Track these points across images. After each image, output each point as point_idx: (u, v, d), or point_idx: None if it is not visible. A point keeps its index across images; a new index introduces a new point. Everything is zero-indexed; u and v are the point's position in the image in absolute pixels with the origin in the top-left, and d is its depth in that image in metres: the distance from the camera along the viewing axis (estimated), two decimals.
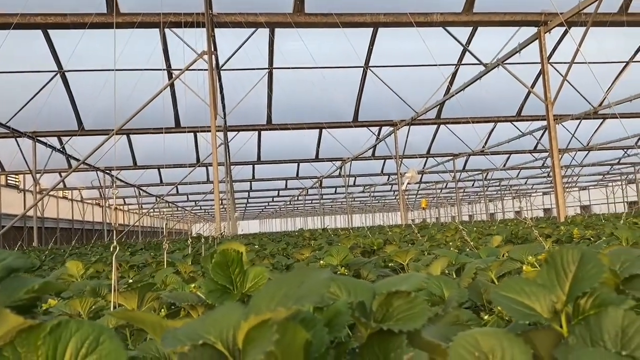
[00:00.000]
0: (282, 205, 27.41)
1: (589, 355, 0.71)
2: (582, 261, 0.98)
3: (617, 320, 0.89)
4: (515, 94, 13.19)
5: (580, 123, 13.85)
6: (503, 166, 19.04)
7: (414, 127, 14.90)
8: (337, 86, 12.71)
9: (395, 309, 1.09)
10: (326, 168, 18.20)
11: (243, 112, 12.77)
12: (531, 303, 0.99)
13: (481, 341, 0.95)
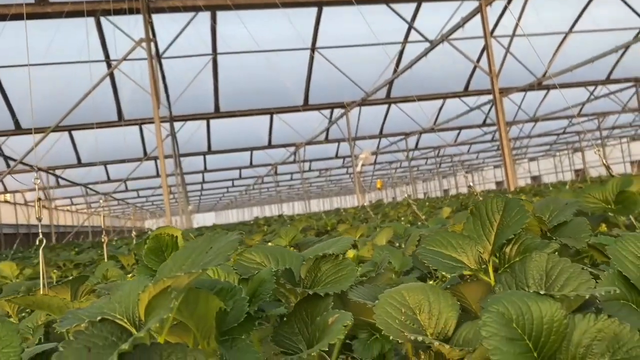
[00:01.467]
0: (237, 196, 27.11)
1: (505, 298, 0.69)
2: (506, 209, 0.96)
3: (541, 264, 0.88)
4: (462, 69, 13.40)
5: (525, 95, 14.22)
6: (454, 142, 19.40)
7: (365, 108, 14.96)
8: (286, 70, 12.58)
9: (324, 273, 1.05)
10: (280, 155, 18.08)
11: (189, 101, 12.49)
12: (458, 255, 0.96)
13: (408, 297, 0.91)
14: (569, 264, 0.82)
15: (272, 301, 1.02)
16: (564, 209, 1.09)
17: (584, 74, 12.27)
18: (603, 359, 0.66)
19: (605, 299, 0.80)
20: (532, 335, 0.67)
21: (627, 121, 17.68)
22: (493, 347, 0.64)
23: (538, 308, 0.68)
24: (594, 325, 0.68)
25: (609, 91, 14.05)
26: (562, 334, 0.68)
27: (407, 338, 0.79)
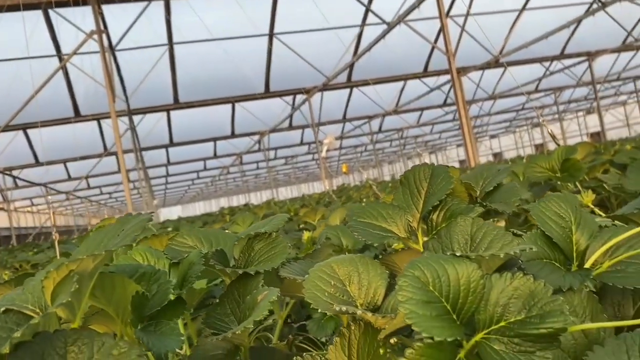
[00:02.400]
0: (204, 188, 26.83)
1: (421, 262, 0.69)
2: (433, 176, 0.95)
3: (466, 229, 0.88)
4: (421, 50, 13.47)
5: (483, 74, 14.41)
6: (417, 123, 19.58)
7: (327, 93, 14.93)
8: (245, 58, 12.43)
9: (257, 252, 1.03)
10: (244, 144, 17.93)
11: (148, 94, 12.23)
12: (388, 225, 0.95)
13: (337, 269, 0.90)
14: (492, 226, 0.83)
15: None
16: (496, 176, 1.09)
17: (539, 50, 12.51)
18: (520, 316, 0.67)
19: (527, 258, 0.80)
20: (449, 297, 0.67)
21: (582, 95, 18.16)
22: (409, 311, 0.64)
23: (455, 270, 0.68)
24: (510, 284, 0.68)
25: (563, 66, 14.37)
26: (479, 294, 0.68)
27: (333, 309, 0.78)
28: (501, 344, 0.66)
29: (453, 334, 0.63)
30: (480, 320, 0.68)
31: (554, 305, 0.65)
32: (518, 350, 0.65)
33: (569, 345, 0.73)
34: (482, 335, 0.68)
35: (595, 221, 0.86)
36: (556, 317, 0.64)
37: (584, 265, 0.82)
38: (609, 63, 14.92)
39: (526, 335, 0.65)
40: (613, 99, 20.28)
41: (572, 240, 0.84)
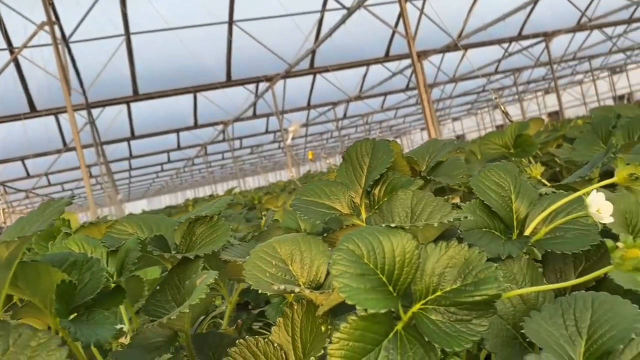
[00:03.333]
0: (169, 180, 26.42)
1: (355, 235, 0.67)
2: (375, 151, 0.94)
3: (406, 201, 0.87)
4: (382, 35, 13.49)
5: (443, 57, 14.53)
6: (381, 108, 19.67)
7: (291, 81, 14.82)
8: (205, 47, 12.21)
9: (199, 236, 1.00)
10: (208, 134, 17.70)
11: (106, 86, 11.91)
12: (331, 203, 0.94)
13: (279, 248, 0.88)
14: (432, 198, 0.82)
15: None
16: (441, 150, 1.09)
17: (498, 32, 12.67)
18: (455, 284, 0.66)
19: (466, 228, 0.80)
20: (384, 269, 0.66)
21: (540, 75, 18.54)
22: (342, 285, 0.62)
23: (389, 242, 0.67)
24: (445, 253, 0.67)
25: (521, 47, 14.61)
26: (415, 265, 0.67)
27: (272, 289, 0.76)
28: (438, 314, 0.66)
29: (387, 305, 0.62)
30: (417, 291, 0.67)
31: (488, 272, 0.64)
32: (454, 319, 0.65)
33: (508, 312, 0.73)
34: (419, 306, 0.67)
35: (535, 190, 0.86)
36: (490, 284, 0.64)
37: (524, 233, 0.83)
38: (565, 43, 15.24)
39: (461, 303, 0.65)
40: (570, 79, 20.78)
41: (512, 208, 0.84)
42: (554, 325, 0.66)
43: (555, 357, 0.61)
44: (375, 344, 0.63)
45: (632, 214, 0.86)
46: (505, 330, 0.71)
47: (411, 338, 0.64)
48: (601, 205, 0.70)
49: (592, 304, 0.66)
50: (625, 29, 14.90)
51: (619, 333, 0.61)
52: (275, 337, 0.81)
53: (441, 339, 0.62)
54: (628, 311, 0.63)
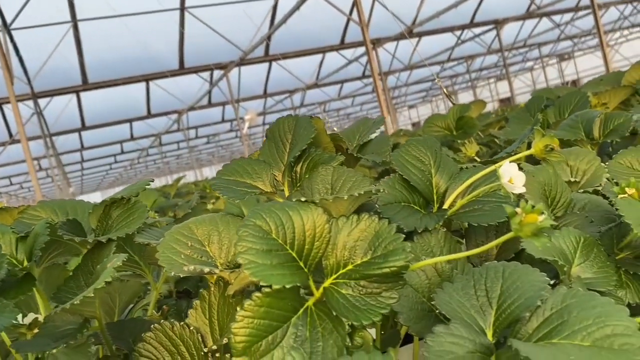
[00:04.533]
0: (123, 172, 25.78)
1: (263, 210, 0.65)
2: (297, 127, 0.92)
3: (327, 177, 0.85)
4: (338, 22, 13.45)
5: (398, 44, 14.63)
6: (338, 96, 19.69)
7: (247, 68, 14.63)
8: (156, 34, 11.91)
9: (115, 219, 0.96)
10: (163, 124, 17.33)
11: (54, 75, 11.46)
12: (253, 181, 0.91)
13: (196, 229, 0.85)
14: (352, 173, 0.81)
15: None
16: (370, 128, 1.08)
17: (450, 19, 12.83)
18: (366, 257, 0.65)
19: (384, 202, 0.79)
20: (294, 244, 0.64)
21: (492, 62, 18.93)
22: (247, 261, 0.60)
23: (299, 216, 0.65)
24: (356, 226, 0.66)
25: (473, 35, 14.86)
26: (326, 239, 0.66)
27: (184, 270, 0.73)
28: (349, 288, 0.64)
29: (294, 280, 0.61)
30: (328, 265, 0.66)
31: (397, 244, 0.63)
32: (365, 292, 0.64)
33: (423, 285, 0.72)
34: (331, 281, 0.66)
35: (456, 164, 0.86)
36: (398, 256, 0.63)
37: (443, 206, 0.82)
38: (515, 31, 15.58)
39: (371, 276, 0.64)
40: (521, 65, 21.30)
41: (432, 182, 0.84)
42: (466, 296, 0.66)
43: (464, 327, 0.61)
44: (284, 321, 0.61)
45: (550, 186, 0.87)
46: (420, 303, 0.71)
47: (321, 314, 0.63)
48: (514, 175, 0.70)
49: (503, 273, 0.66)
50: (573, 17, 15.35)
51: (526, 301, 0.61)
52: (192, 321, 0.79)
53: (350, 312, 0.61)
54: (536, 279, 0.63)
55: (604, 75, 1.74)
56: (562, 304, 0.60)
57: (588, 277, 0.74)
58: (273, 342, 0.60)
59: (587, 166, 1.00)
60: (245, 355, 0.59)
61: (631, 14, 16.33)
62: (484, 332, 0.62)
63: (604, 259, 0.75)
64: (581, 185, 0.98)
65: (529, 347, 0.55)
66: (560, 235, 0.75)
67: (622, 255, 0.80)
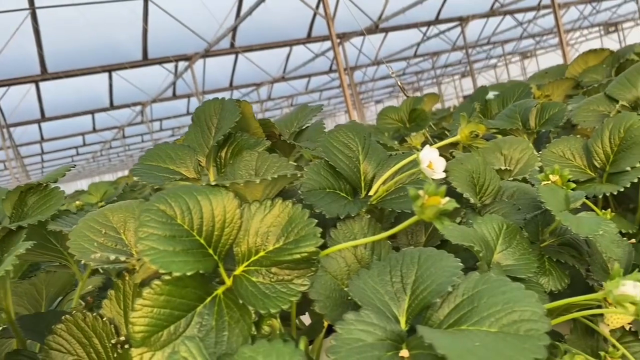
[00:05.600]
0: (85, 165, 25.16)
1: (169, 194, 0.63)
2: (223, 111, 0.90)
3: (251, 163, 0.82)
4: (305, 15, 13.38)
5: (364, 39, 14.65)
6: (305, 90, 19.63)
7: (213, 60, 14.43)
8: (120, 23, 11.64)
9: (31, 206, 0.90)
10: (126, 116, 16.97)
11: (11, 64, 11.08)
12: (176, 167, 0.88)
13: (111, 216, 0.81)
14: (277, 158, 0.78)
15: None
16: (307, 115, 1.06)
17: (416, 15, 12.92)
18: (278, 243, 0.62)
19: (308, 189, 0.77)
20: (202, 230, 0.61)
21: (457, 59, 19.16)
22: (147, 248, 0.57)
23: (208, 201, 0.62)
24: (270, 212, 0.63)
25: (439, 31, 15.00)
26: (237, 225, 0.63)
27: (91, 259, 0.70)
28: (260, 276, 0.62)
29: (196, 268, 0.58)
30: (239, 252, 0.63)
31: (309, 229, 0.61)
32: (276, 280, 0.61)
33: (342, 271, 0.70)
34: (242, 269, 0.63)
35: (385, 151, 0.85)
36: (309, 241, 0.60)
37: (370, 193, 0.81)
38: (480, 28, 15.81)
39: (282, 262, 0.61)
40: (484, 63, 21.61)
41: (359, 169, 0.82)
42: (381, 283, 0.64)
43: (375, 314, 0.59)
44: (188, 310, 0.58)
45: (479, 174, 0.87)
46: (338, 290, 0.69)
47: (230, 303, 0.60)
48: (434, 160, 0.68)
49: (419, 259, 0.65)
50: (535, 15, 15.65)
51: (438, 287, 0.60)
52: (106, 311, 0.75)
53: (258, 300, 0.59)
54: (449, 265, 0.62)
55: (549, 68, 1.77)
56: (474, 289, 0.59)
57: (509, 264, 0.73)
58: (175, 332, 0.57)
59: (520, 155, 1.00)
60: (145, 345, 0.56)
61: (590, 14, 16.75)
62: (397, 319, 0.61)
63: (526, 245, 0.75)
64: (514, 174, 0.98)
65: (434, 334, 0.54)
66: (483, 222, 0.75)
67: (546, 242, 0.80)
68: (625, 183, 0.88)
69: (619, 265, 0.78)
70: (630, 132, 0.93)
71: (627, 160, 0.91)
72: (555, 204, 0.72)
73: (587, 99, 1.10)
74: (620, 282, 0.54)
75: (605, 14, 17.69)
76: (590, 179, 0.95)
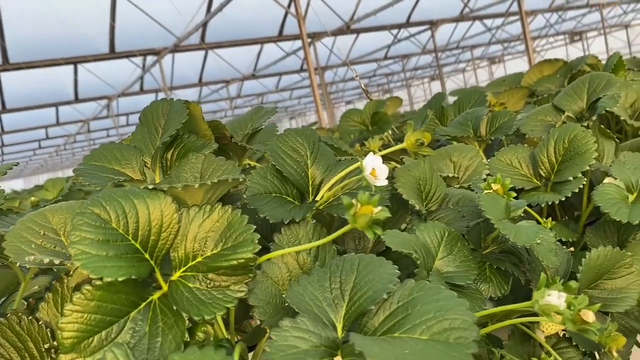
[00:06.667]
0: (48, 159, 24.52)
1: (104, 197, 0.62)
2: (171, 112, 0.89)
3: (197, 165, 0.81)
4: (276, 13, 13.33)
5: (335, 40, 14.69)
6: (276, 89, 19.56)
7: (182, 56, 14.24)
8: (88, 14, 11.38)
9: None
10: (91, 110, 16.61)
11: None
12: (121, 168, 0.86)
13: (51, 217, 0.79)
14: (223, 161, 0.78)
15: None
16: (262, 117, 1.05)
17: (388, 18, 13.01)
18: (216, 249, 0.62)
19: (253, 193, 0.77)
20: (138, 235, 0.60)
21: (426, 62, 19.39)
22: (79, 252, 0.56)
23: (145, 205, 0.61)
24: (209, 217, 0.63)
25: (409, 34, 15.15)
26: (174, 229, 0.62)
27: (28, 261, 0.68)
28: (196, 281, 0.61)
29: (129, 273, 0.57)
30: (177, 257, 0.63)
31: (247, 235, 0.61)
32: (213, 286, 0.61)
33: (284, 277, 0.70)
34: (179, 274, 0.62)
35: (334, 156, 0.85)
36: (246, 247, 0.60)
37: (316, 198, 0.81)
38: (449, 32, 16.03)
39: (219, 268, 0.61)
40: (454, 67, 21.94)
41: (307, 174, 0.82)
42: (320, 289, 0.64)
43: (312, 320, 0.59)
44: (120, 316, 0.57)
45: (425, 181, 0.88)
46: (279, 296, 0.69)
47: (165, 309, 0.59)
48: (377, 167, 0.69)
49: (358, 265, 0.65)
50: (503, 22, 15.95)
51: (374, 294, 0.61)
52: (43, 314, 0.73)
53: (192, 306, 0.58)
54: (387, 272, 0.63)
55: (507, 75, 1.81)
56: (409, 297, 0.59)
57: (450, 271, 0.74)
58: (107, 338, 0.56)
59: (469, 162, 1.02)
60: (74, 352, 0.55)
61: (556, 22, 17.18)
62: (335, 325, 0.61)
63: (467, 253, 0.76)
64: (463, 181, 1.00)
65: (366, 341, 0.54)
66: (425, 229, 0.76)
67: (488, 249, 0.82)
68: (567, 192, 0.91)
69: (554, 273, 0.80)
70: (574, 142, 0.95)
71: (570, 170, 0.94)
72: (495, 213, 0.73)
73: (536, 109, 1.13)
74: (545, 292, 0.56)
75: (570, 23, 18.16)
76: (535, 187, 0.98)
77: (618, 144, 1.06)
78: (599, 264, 0.80)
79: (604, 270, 0.81)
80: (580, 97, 1.11)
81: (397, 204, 0.85)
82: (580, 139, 0.95)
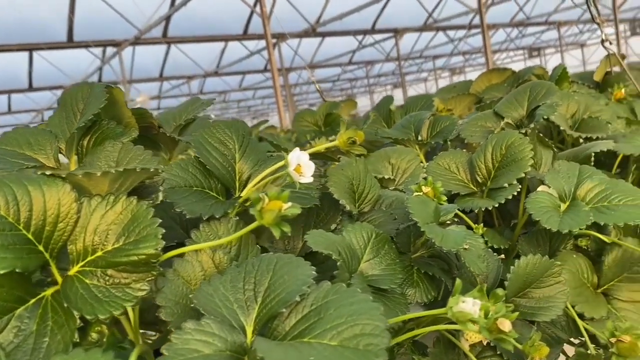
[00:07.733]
0: None
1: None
2: (90, 97, 0.84)
3: (113, 154, 0.74)
4: (242, 11, 13.21)
5: (300, 42, 14.67)
6: (239, 87, 19.39)
7: (143, 49, 13.94)
8: (46, 1, 11.00)
9: None
10: (47, 99, 16.07)
11: None
12: (34, 154, 0.80)
13: None
14: (141, 150, 0.73)
15: None
16: (197, 108, 1.01)
17: (353, 23, 13.09)
18: (118, 243, 0.57)
19: (172, 185, 0.72)
20: (31, 224, 0.55)
21: (390, 70, 19.59)
22: None
23: (41, 192, 0.56)
24: (112, 208, 0.58)
25: (374, 40, 15.28)
26: (72, 220, 0.57)
27: None
28: (94, 277, 0.56)
29: (13, 266, 0.52)
30: (74, 251, 0.58)
31: (151, 229, 0.57)
32: (111, 283, 0.56)
33: (197, 276, 0.66)
34: (77, 269, 0.57)
35: (264, 151, 0.81)
36: (149, 242, 0.56)
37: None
38: (413, 42, 16.25)
39: (119, 264, 0.56)
40: (416, 76, 22.25)
41: (234, 168, 0.78)
42: (233, 290, 0.60)
43: (218, 323, 0.55)
44: (4, 313, 0.52)
45: (359, 181, 0.85)
46: (190, 297, 0.64)
47: (57, 306, 0.54)
48: (303, 164, 0.66)
49: (275, 265, 0.61)
50: (465, 34, 16.28)
51: (287, 296, 0.57)
52: None
53: (86, 304, 0.53)
54: (303, 273, 0.59)
55: (458, 82, 1.81)
56: (323, 300, 0.56)
57: (374, 274, 0.72)
58: None
59: (407, 165, 1.00)
60: None
61: (517, 37, 17.65)
62: (244, 329, 0.58)
63: (394, 256, 0.74)
64: (400, 183, 0.98)
65: (269, 347, 0.51)
66: (352, 230, 0.73)
67: (418, 253, 0.80)
68: (501, 199, 0.90)
69: (483, 280, 0.79)
70: (510, 149, 0.95)
71: (506, 177, 0.93)
72: (424, 216, 0.71)
73: (477, 115, 1.13)
74: (459, 299, 0.54)
75: (530, 39, 18.69)
76: (471, 193, 0.97)
77: (556, 152, 1.07)
78: (527, 272, 0.79)
79: (533, 278, 0.80)
80: (521, 104, 1.12)
81: (329, 203, 0.83)
82: (517, 145, 0.95)
